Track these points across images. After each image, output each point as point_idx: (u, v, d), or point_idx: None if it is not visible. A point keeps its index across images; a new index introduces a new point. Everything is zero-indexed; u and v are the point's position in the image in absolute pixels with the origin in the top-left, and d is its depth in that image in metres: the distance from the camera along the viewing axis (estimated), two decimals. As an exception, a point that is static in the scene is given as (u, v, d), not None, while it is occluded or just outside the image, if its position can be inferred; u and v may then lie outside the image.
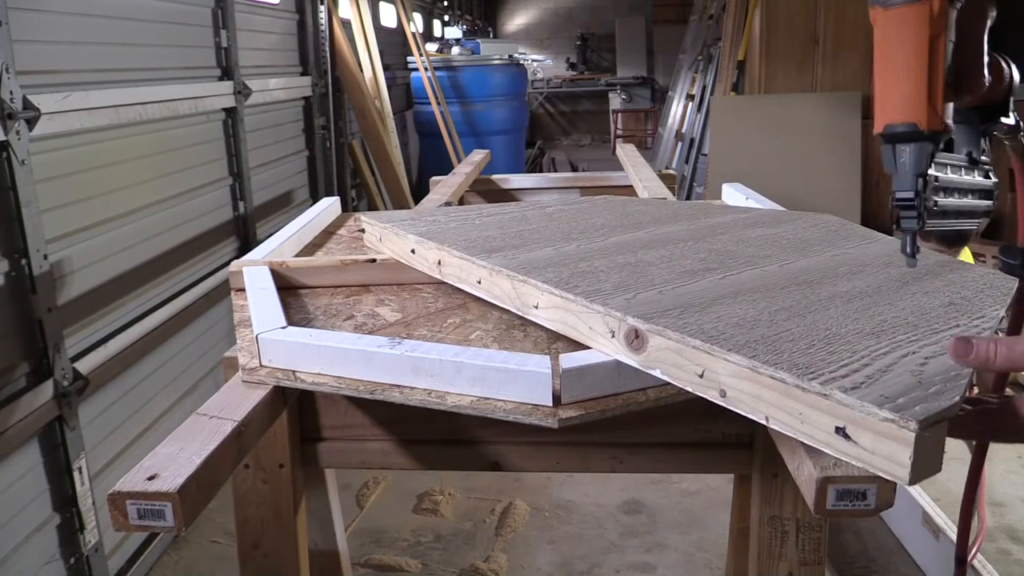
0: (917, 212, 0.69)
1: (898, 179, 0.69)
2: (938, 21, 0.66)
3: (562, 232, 1.16)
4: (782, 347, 0.69)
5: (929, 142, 0.67)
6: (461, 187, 2.01)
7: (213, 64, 3.03)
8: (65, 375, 1.89)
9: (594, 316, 0.82)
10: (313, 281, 1.18)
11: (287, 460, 1.10)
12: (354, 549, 2.28)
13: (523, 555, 2.28)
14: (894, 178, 0.69)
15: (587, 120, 13.17)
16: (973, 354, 0.61)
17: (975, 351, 0.60)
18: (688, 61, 7.07)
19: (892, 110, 0.68)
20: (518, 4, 14.17)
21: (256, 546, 1.13)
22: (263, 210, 3.45)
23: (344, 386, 0.86)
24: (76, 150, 2.06)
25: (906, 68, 0.67)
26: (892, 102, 0.68)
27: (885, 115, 0.69)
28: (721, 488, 2.47)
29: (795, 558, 1.09)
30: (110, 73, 2.26)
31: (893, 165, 0.69)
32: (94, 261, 2.12)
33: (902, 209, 0.69)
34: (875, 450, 0.59)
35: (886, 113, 0.69)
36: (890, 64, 0.68)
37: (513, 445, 1.09)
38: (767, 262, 0.98)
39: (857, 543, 2.24)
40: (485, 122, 6.84)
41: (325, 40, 4.39)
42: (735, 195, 1.60)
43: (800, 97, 5.08)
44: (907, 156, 0.68)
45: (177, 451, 0.75)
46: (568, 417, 0.77)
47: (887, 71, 0.68)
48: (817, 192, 4.75)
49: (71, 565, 1.92)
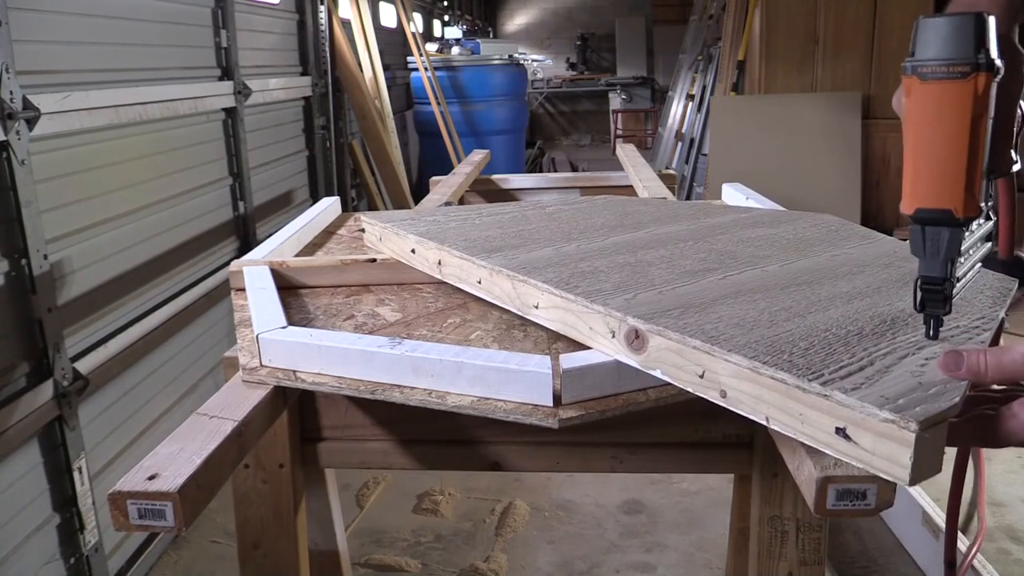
0: (944, 296, 0.65)
1: (927, 263, 0.64)
2: (982, 100, 0.59)
3: (562, 232, 1.16)
4: (782, 347, 0.69)
5: (963, 227, 0.63)
6: (461, 187, 2.01)
7: (213, 64, 3.03)
8: (65, 375, 1.89)
9: (594, 316, 0.82)
10: (313, 281, 1.18)
11: (287, 460, 1.10)
12: (354, 549, 2.28)
13: (523, 555, 2.28)
14: (922, 261, 0.64)
15: (587, 120, 13.17)
16: (964, 367, 0.61)
17: (965, 363, 0.61)
18: (688, 61, 7.07)
19: (925, 193, 0.62)
20: (518, 4, 14.17)
21: (256, 546, 1.13)
22: (263, 210, 3.45)
23: (344, 386, 0.86)
24: (76, 150, 2.06)
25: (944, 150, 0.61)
26: (926, 184, 0.62)
27: (917, 197, 0.63)
28: (721, 488, 2.47)
29: (795, 558, 1.09)
30: (110, 73, 2.26)
31: (922, 249, 0.64)
32: (94, 261, 2.12)
33: (928, 293, 0.65)
34: (875, 451, 0.59)
35: (918, 195, 0.63)
36: (926, 143, 0.62)
37: (513, 445, 1.09)
38: (767, 262, 0.98)
39: (857, 543, 2.24)
40: (485, 122, 6.84)
41: (325, 40, 4.39)
42: (735, 195, 1.60)
43: (800, 97, 5.08)
44: (939, 241, 0.63)
45: (177, 451, 0.75)
46: (568, 417, 0.77)
47: (922, 150, 0.62)
48: (817, 192, 4.75)
49: (71, 565, 1.92)
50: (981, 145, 0.60)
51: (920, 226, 0.63)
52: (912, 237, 0.65)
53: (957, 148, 0.60)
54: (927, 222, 0.63)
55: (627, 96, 12.05)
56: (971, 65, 0.58)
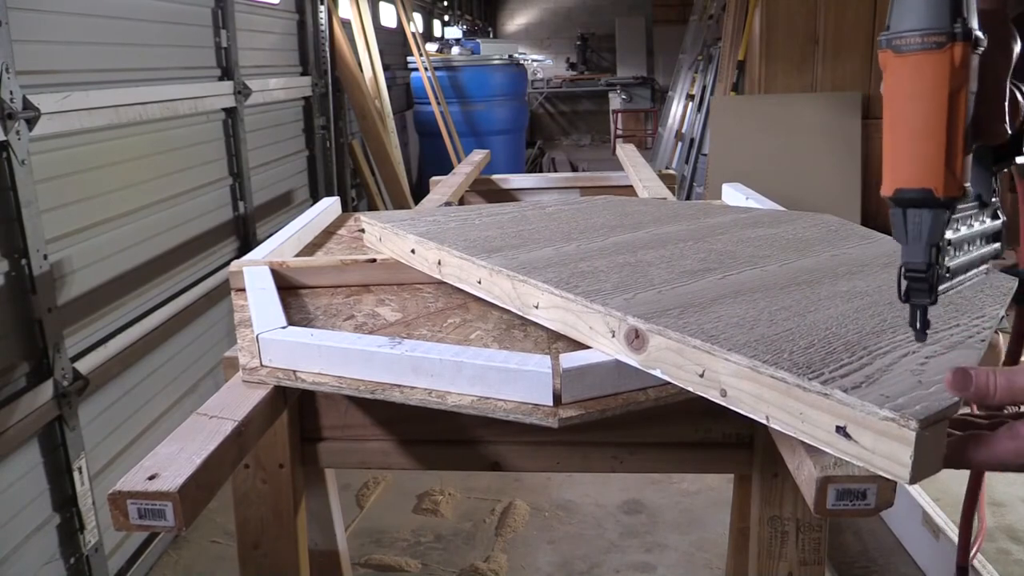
0: (929, 284, 0.60)
1: (909, 249, 0.60)
2: (960, 72, 0.56)
3: (562, 232, 1.16)
4: (782, 347, 0.70)
5: (945, 209, 0.59)
6: (461, 187, 2.01)
7: (213, 64, 3.03)
8: (65, 375, 1.89)
9: (594, 316, 0.82)
10: (313, 281, 1.18)
11: (287, 460, 1.10)
12: (354, 549, 2.28)
13: (523, 555, 2.28)
14: (904, 247, 0.61)
15: (587, 120, 13.17)
16: (972, 387, 0.58)
17: (974, 383, 0.58)
18: (688, 61, 7.08)
19: (904, 172, 0.59)
20: (518, 4, 14.17)
21: (256, 546, 1.13)
22: (263, 210, 3.45)
23: (344, 386, 0.86)
24: (76, 150, 2.06)
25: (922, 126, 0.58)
26: (904, 163, 0.59)
27: (896, 177, 0.60)
28: (721, 488, 2.47)
29: (795, 558, 1.09)
30: (110, 73, 2.26)
31: (904, 233, 0.60)
32: (94, 261, 2.12)
33: (912, 281, 0.61)
34: (876, 449, 0.59)
35: (897, 175, 0.60)
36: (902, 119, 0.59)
37: (513, 445, 1.09)
38: (767, 262, 0.98)
39: (857, 543, 2.24)
40: (485, 122, 6.84)
41: (325, 40, 4.39)
42: (735, 195, 1.60)
43: (800, 97, 5.08)
44: (921, 224, 0.60)
45: (177, 451, 0.75)
46: (568, 417, 0.77)
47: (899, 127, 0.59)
48: (817, 192, 4.75)
49: (71, 565, 1.92)
50: (960, 120, 0.57)
51: (901, 209, 0.60)
52: (893, 221, 0.61)
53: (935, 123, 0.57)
54: (907, 204, 0.60)
55: (627, 96, 12.05)
56: (947, 35, 0.55)
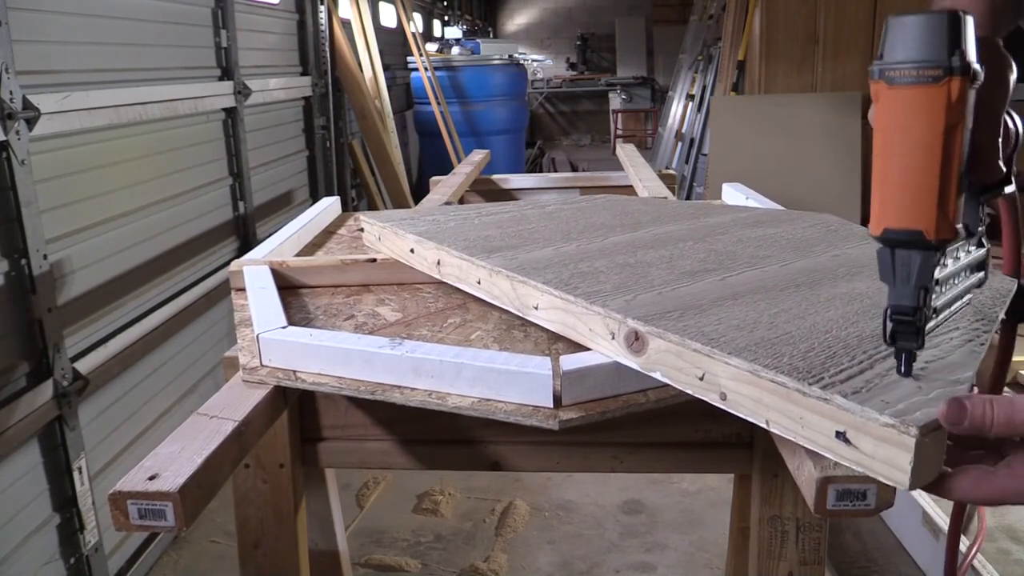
0: (916, 328, 0.58)
1: (897, 291, 0.58)
2: (956, 108, 0.52)
3: (561, 232, 1.16)
4: (782, 350, 0.69)
5: (936, 251, 0.56)
6: (461, 187, 2.01)
7: (213, 64, 3.03)
8: (65, 375, 1.89)
9: (594, 317, 0.82)
10: (313, 281, 1.18)
11: (287, 460, 1.10)
12: (354, 549, 2.28)
13: (523, 555, 2.28)
14: (891, 289, 0.58)
15: (587, 120, 13.17)
16: (967, 419, 0.54)
17: (969, 416, 0.54)
18: (688, 61, 7.07)
19: (894, 212, 0.56)
20: (518, 4, 14.16)
21: (256, 546, 1.13)
22: (263, 210, 3.45)
23: (345, 386, 0.86)
24: (76, 150, 2.06)
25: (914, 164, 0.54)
26: (894, 202, 0.55)
27: (885, 216, 0.56)
28: (721, 488, 2.47)
29: (795, 558, 1.09)
30: (110, 73, 2.26)
31: (891, 274, 0.57)
32: (94, 261, 2.12)
33: (898, 324, 0.58)
34: (875, 455, 0.59)
35: (886, 214, 0.56)
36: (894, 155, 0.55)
37: (513, 445, 1.09)
38: (767, 263, 0.98)
39: (857, 543, 2.24)
40: (485, 122, 6.84)
41: (325, 40, 4.39)
42: (735, 195, 1.60)
43: (800, 97, 5.08)
44: (910, 266, 0.56)
45: (178, 451, 0.75)
46: (568, 419, 0.77)
47: (890, 163, 0.55)
48: (817, 192, 4.74)
49: (71, 565, 1.92)
50: (955, 159, 0.54)
51: (889, 249, 0.57)
52: (880, 261, 0.58)
53: (928, 162, 0.54)
54: (896, 244, 0.57)
55: (627, 96, 12.05)
56: (944, 68, 0.52)
